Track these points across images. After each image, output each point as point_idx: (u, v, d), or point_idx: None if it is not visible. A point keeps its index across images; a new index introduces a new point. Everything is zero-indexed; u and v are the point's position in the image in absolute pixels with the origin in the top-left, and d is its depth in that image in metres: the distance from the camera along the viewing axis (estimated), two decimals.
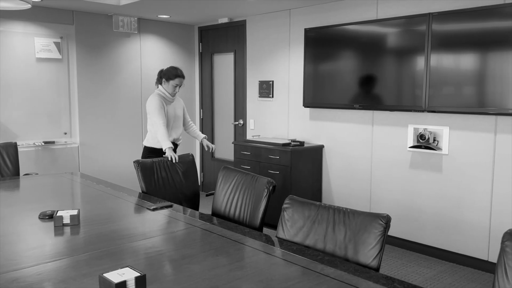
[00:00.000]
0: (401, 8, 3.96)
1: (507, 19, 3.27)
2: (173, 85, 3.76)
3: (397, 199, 4.14)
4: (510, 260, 1.58)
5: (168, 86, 3.77)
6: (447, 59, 3.63)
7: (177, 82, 3.77)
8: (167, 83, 3.77)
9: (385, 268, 3.66)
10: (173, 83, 3.76)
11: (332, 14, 4.50)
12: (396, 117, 4.10)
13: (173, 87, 3.77)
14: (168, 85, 3.77)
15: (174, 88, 3.77)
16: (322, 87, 4.55)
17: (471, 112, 3.51)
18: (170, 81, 3.76)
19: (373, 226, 1.94)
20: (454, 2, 3.61)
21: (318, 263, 1.83)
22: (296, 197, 2.27)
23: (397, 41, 3.94)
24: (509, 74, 3.28)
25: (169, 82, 3.76)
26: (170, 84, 3.76)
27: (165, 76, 3.78)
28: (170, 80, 3.76)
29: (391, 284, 1.64)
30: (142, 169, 3.19)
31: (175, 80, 3.76)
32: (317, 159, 4.72)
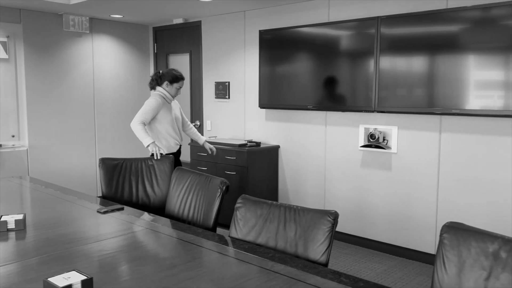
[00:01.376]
0: (351, 11, 4.08)
1: (449, 23, 3.44)
2: (176, 88, 3.81)
3: (350, 196, 4.25)
4: (448, 251, 1.67)
5: (171, 88, 3.80)
6: (395, 61, 3.77)
7: (181, 84, 3.83)
8: (170, 86, 3.79)
9: (338, 265, 3.75)
10: (177, 86, 3.81)
11: (286, 16, 4.57)
12: (348, 117, 4.21)
13: (176, 89, 3.82)
14: (171, 88, 3.80)
15: (177, 90, 3.83)
16: (277, 88, 4.61)
17: (418, 112, 3.66)
18: (174, 83, 3.79)
19: (322, 223, 2.00)
20: (401, 6, 3.76)
21: (269, 260, 1.86)
22: (249, 196, 2.29)
23: (349, 44, 4.05)
24: (453, 76, 3.45)
25: (173, 85, 3.79)
26: (174, 86, 3.80)
27: (168, 78, 3.78)
28: (174, 82, 3.79)
29: (337, 278, 1.70)
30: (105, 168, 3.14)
31: (179, 83, 3.81)
32: (273, 159, 4.77)
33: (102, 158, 3.28)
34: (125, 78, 5.95)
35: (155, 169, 3.36)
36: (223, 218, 3.22)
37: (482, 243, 1.61)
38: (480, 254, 1.60)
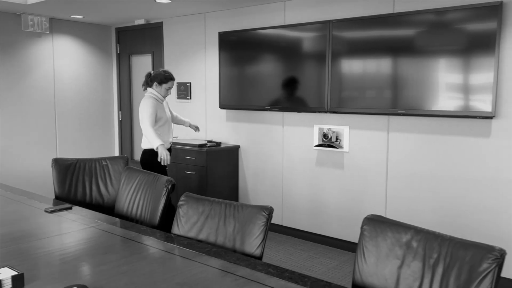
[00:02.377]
0: (306, 14, 4.20)
1: (396, 27, 3.59)
2: (165, 88, 3.85)
3: (305, 194, 4.37)
4: (367, 242, 1.79)
5: (161, 89, 3.84)
6: (346, 64, 3.91)
7: (170, 85, 3.87)
8: (159, 87, 3.84)
9: (292, 261, 3.86)
10: (166, 86, 3.84)
11: (245, 18, 4.66)
12: (303, 118, 4.33)
13: (166, 90, 3.86)
14: (161, 88, 3.84)
15: (166, 91, 3.87)
16: (237, 89, 4.70)
17: (368, 113, 3.80)
18: (163, 84, 3.83)
19: (258, 218, 2.09)
20: (351, 10, 3.90)
21: (204, 254, 1.94)
22: (192, 194, 2.37)
23: (304, 46, 4.17)
24: (400, 78, 3.60)
25: (162, 86, 3.83)
26: (163, 87, 3.84)
27: (157, 79, 3.83)
28: (163, 83, 3.83)
29: (266, 270, 1.79)
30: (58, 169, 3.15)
31: (168, 84, 3.85)
32: (233, 159, 4.86)
33: (55, 158, 3.30)
34: (88, 78, 5.92)
35: (109, 169, 3.39)
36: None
37: (397, 234, 1.72)
38: (395, 244, 1.71)
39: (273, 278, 1.71)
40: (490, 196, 3.31)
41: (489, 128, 3.29)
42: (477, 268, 1.47)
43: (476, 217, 3.39)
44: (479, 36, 3.21)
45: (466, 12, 3.25)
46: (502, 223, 3.28)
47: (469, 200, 3.41)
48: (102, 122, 6.13)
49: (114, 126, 6.27)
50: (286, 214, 4.55)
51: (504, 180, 3.24)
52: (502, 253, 1.45)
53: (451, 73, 3.36)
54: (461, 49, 3.29)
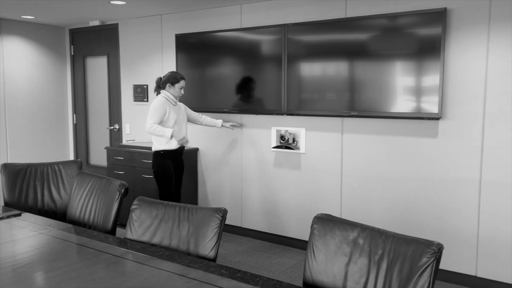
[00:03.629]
0: (262, 18, 4.25)
1: (349, 31, 3.69)
2: (179, 88, 3.91)
3: (264, 196, 4.42)
4: (317, 241, 1.84)
5: (174, 89, 3.90)
6: (302, 67, 3.98)
7: (182, 84, 3.93)
8: (173, 87, 3.90)
9: (251, 262, 3.89)
10: (179, 86, 3.90)
11: (201, 21, 4.66)
12: (261, 120, 4.38)
13: (179, 89, 3.92)
14: (174, 89, 3.90)
15: (179, 90, 3.92)
16: (195, 92, 4.68)
17: (323, 115, 3.89)
18: (176, 84, 3.89)
19: (211, 220, 2.10)
20: (305, 14, 3.98)
21: (157, 258, 1.94)
22: (145, 197, 2.35)
23: (261, 49, 4.22)
24: (353, 81, 3.71)
25: (175, 86, 3.89)
26: (176, 87, 3.90)
27: (170, 80, 3.90)
28: (175, 83, 3.89)
29: (219, 271, 1.81)
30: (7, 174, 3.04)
31: (180, 83, 3.91)
32: (193, 162, 4.83)
33: (4, 163, 3.19)
34: (40, 81, 5.74)
35: (61, 174, 3.31)
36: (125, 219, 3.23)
37: (345, 232, 1.78)
38: (343, 242, 1.77)
39: (225, 279, 1.73)
40: (439, 194, 3.46)
41: (436, 128, 3.44)
42: (417, 262, 1.54)
43: (426, 214, 3.53)
44: (426, 41, 3.35)
45: (414, 18, 3.39)
46: (449, 219, 3.43)
47: (419, 198, 3.55)
48: (56, 125, 5.95)
49: (69, 130, 6.10)
50: (245, 216, 4.57)
51: (451, 178, 3.40)
52: (440, 248, 1.53)
53: (401, 76, 3.49)
54: (410, 53, 3.43)
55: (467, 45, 3.26)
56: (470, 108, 3.28)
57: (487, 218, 3.28)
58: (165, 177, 3.91)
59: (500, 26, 3.13)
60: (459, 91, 3.32)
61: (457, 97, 3.33)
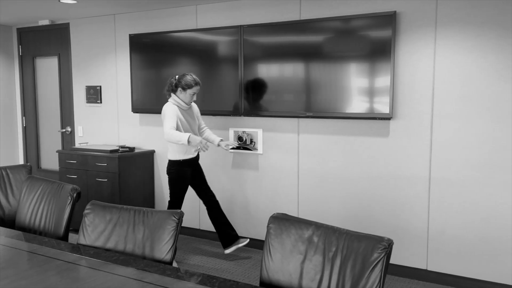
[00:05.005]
0: (218, 19, 4.24)
1: (303, 33, 3.75)
2: (190, 94, 3.61)
3: (222, 197, 4.41)
4: (273, 240, 1.86)
5: (185, 95, 3.61)
6: (258, 68, 4.01)
7: (195, 90, 3.62)
8: (183, 92, 3.60)
9: (209, 264, 3.87)
10: (191, 92, 3.60)
11: (156, 21, 4.59)
12: (219, 121, 4.37)
13: (191, 96, 3.62)
14: (185, 94, 3.61)
15: (191, 96, 3.63)
16: (151, 93, 4.61)
17: (279, 116, 3.93)
18: (188, 90, 3.59)
19: (167, 223, 2.08)
20: (261, 16, 4.01)
21: (111, 263, 1.89)
22: (98, 201, 2.29)
23: (217, 50, 4.21)
24: (308, 82, 3.77)
25: (186, 91, 3.59)
26: (188, 93, 3.60)
27: (181, 85, 3.59)
28: (187, 89, 3.59)
29: (175, 274, 1.79)
30: None
31: (192, 89, 3.60)
32: (149, 164, 4.76)
33: None
34: None
35: (9, 179, 3.17)
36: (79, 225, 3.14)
37: (300, 230, 1.81)
38: (298, 240, 1.80)
39: (182, 281, 1.72)
40: (391, 191, 3.58)
41: (388, 128, 3.55)
42: (369, 258, 1.59)
43: (379, 211, 3.64)
44: (377, 43, 3.46)
45: (366, 21, 3.50)
46: (401, 215, 3.56)
47: (372, 196, 3.66)
48: (4, 129, 5.69)
49: (18, 133, 5.85)
50: (203, 218, 4.55)
51: (402, 176, 3.52)
52: (390, 243, 1.58)
53: (355, 77, 3.58)
54: (363, 55, 3.53)
55: (416, 47, 3.40)
56: (419, 108, 3.42)
57: (436, 214, 3.43)
58: (181, 185, 3.71)
59: (446, 29, 3.28)
60: (408, 92, 3.45)
61: (407, 97, 3.46)
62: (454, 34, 3.26)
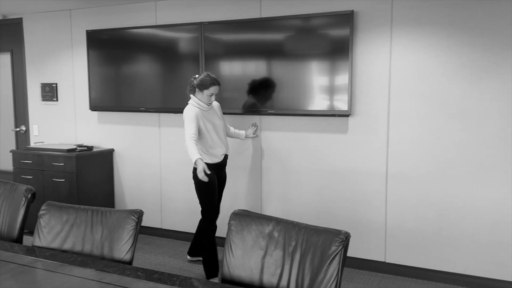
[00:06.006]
0: (178, 16, 4.20)
1: (264, 31, 3.77)
2: (208, 95, 3.40)
3: (185, 195, 4.37)
4: (234, 236, 1.86)
5: (202, 96, 3.40)
6: (220, 65, 3.99)
7: (212, 91, 3.41)
8: (201, 93, 3.40)
9: (172, 263, 3.84)
10: (208, 93, 3.39)
11: (114, 17, 4.49)
12: (180, 118, 4.32)
13: (208, 96, 3.41)
14: (202, 95, 3.40)
15: (209, 97, 3.42)
16: (109, 90, 4.51)
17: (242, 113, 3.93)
18: (205, 90, 3.39)
19: (127, 222, 2.05)
20: (222, 13, 4.00)
21: (68, 265, 1.85)
22: (54, 202, 2.23)
23: (177, 47, 4.17)
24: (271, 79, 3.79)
25: (203, 92, 3.39)
26: (205, 93, 3.40)
27: (198, 86, 3.40)
28: (204, 89, 3.39)
29: (135, 274, 1.77)
30: None
31: (209, 89, 3.39)
32: (108, 163, 4.66)
33: None
34: None
35: None
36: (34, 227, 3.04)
37: (261, 226, 1.83)
38: (259, 236, 1.82)
39: (142, 281, 1.70)
40: (350, 186, 3.66)
41: (347, 125, 3.63)
42: (327, 251, 1.63)
43: (339, 206, 3.72)
44: (336, 42, 3.53)
45: (325, 19, 3.56)
46: (360, 209, 3.65)
47: (332, 191, 3.73)
48: None
49: None
50: (166, 217, 4.50)
51: (360, 171, 3.61)
52: (347, 236, 1.63)
53: (315, 75, 3.64)
54: (323, 53, 3.59)
55: (373, 46, 3.49)
56: (376, 105, 3.52)
57: (393, 208, 3.54)
58: (207, 190, 3.42)
59: (401, 28, 3.39)
60: (366, 90, 3.54)
61: (365, 95, 3.54)
62: (409, 34, 3.37)
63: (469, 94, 3.23)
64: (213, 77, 3.43)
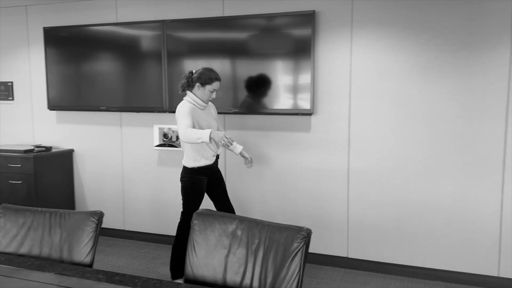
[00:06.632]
0: (139, 13, 4.13)
1: (227, 29, 3.77)
2: (209, 90, 3.19)
3: (148, 196, 4.31)
4: (197, 236, 1.86)
5: (203, 92, 3.18)
6: (183, 63, 3.96)
7: (215, 86, 3.20)
8: (202, 88, 3.17)
9: (135, 265, 3.78)
10: (210, 88, 3.18)
11: (73, 14, 4.37)
12: (142, 118, 4.26)
13: (210, 92, 3.20)
14: (203, 91, 3.18)
15: (210, 94, 3.20)
16: (69, 89, 4.39)
17: None
18: (207, 86, 3.17)
19: (87, 224, 2.00)
20: (184, 11, 3.96)
21: (24, 269, 1.79)
22: (10, 205, 2.15)
23: (139, 45, 4.10)
24: (235, 79, 3.79)
25: (205, 87, 3.17)
26: (207, 89, 3.18)
27: (200, 80, 3.16)
28: (206, 84, 3.16)
29: (95, 276, 1.73)
30: None
31: (212, 85, 3.18)
32: (67, 164, 4.53)
33: None
34: None
35: None
36: None
37: (224, 225, 1.83)
38: (222, 235, 1.82)
39: (103, 283, 1.66)
40: (313, 183, 3.72)
41: (309, 123, 3.68)
42: (289, 248, 1.65)
43: (302, 203, 3.77)
44: (299, 41, 3.57)
45: (287, 19, 3.59)
46: (323, 206, 3.71)
47: (296, 189, 3.78)
48: None
49: None
50: (129, 218, 4.42)
51: (323, 169, 3.67)
52: (309, 232, 1.65)
53: (279, 74, 3.67)
54: (286, 52, 3.62)
55: (334, 45, 3.55)
56: (338, 103, 3.58)
57: (355, 204, 3.62)
58: (193, 195, 3.24)
59: (361, 28, 3.46)
60: (328, 89, 3.60)
61: (327, 94, 3.60)
62: (369, 34, 3.45)
63: (426, 93, 3.34)
64: (215, 72, 3.23)
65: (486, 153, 3.24)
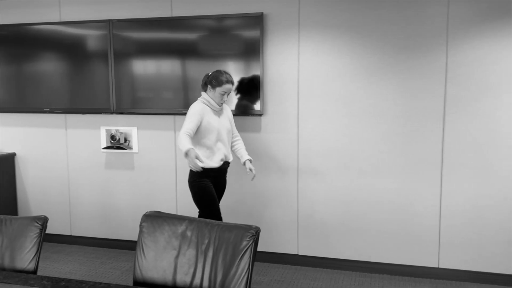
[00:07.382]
0: (83, 12, 4.02)
1: (176, 30, 3.75)
2: (220, 93, 3.14)
3: (96, 199, 4.20)
4: (146, 238, 1.84)
5: (214, 94, 3.15)
6: (130, 64, 3.89)
7: (225, 89, 3.14)
8: (212, 91, 3.15)
9: (84, 269, 3.68)
10: (220, 91, 3.13)
11: (14, 12, 4.18)
12: (89, 119, 4.15)
13: (220, 95, 3.15)
14: (214, 93, 3.15)
15: (221, 96, 3.16)
16: (9, 90, 4.19)
17: (155, 113, 3.88)
18: (217, 88, 3.13)
19: (30, 230, 1.94)
20: (130, 11, 3.90)
21: None
22: None
23: (84, 45, 3.98)
24: (185, 80, 3.77)
25: (216, 90, 3.14)
26: (217, 91, 3.14)
27: (211, 82, 3.15)
28: (216, 87, 3.13)
29: (39, 282, 1.68)
30: None
31: (222, 87, 3.13)
32: (9, 168, 4.33)
33: None
34: None
35: None
36: None
37: (173, 226, 1.83)
38: (172, 236, 1.82)
39: None
40: (264, 183, 3.77)
41: (260, 124, 3.74)
42: (239, 246, 1.68)
43: (253, 203, 3.81)
44: (248, 43, 3.61)
45: (236, 20, 3.62)
46: (274, 205, 3.77)
47: (247, 189, 3.81)
48: None
49: None
50: (76, 223, 4.29)
51: (274, 168, 3.74)
52: (257, 230, 1.69)
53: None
54: (236, 54, 3.65)
55: (283, 47, 3.62)
56: (287, 104, 3.66)
57: (304, 201, 3.71)
58: (205, 196, 3.17)
59: (308, 31, 3.55)
60: (277, 90, 3.66)
61: (276, 95, 3.67)
62: (315, 36, 3.55)
63: (369, 94, 3.49)
64: (227, 74, 3.20)
65: (425, 151, 3.42)
